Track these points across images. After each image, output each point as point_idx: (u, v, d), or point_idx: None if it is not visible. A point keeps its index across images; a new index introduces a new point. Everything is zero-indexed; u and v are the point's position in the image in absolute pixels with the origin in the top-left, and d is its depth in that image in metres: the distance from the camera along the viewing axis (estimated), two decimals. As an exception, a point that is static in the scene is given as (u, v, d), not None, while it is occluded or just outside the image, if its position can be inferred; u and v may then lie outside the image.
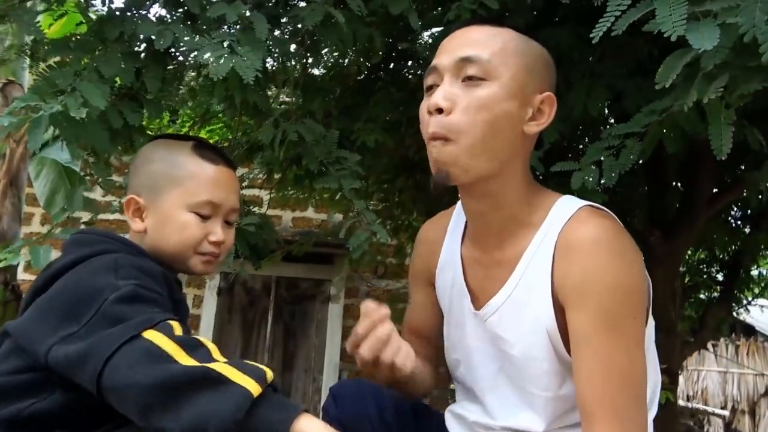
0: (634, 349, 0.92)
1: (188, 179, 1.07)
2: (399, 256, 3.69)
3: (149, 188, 1.08)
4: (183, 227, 1.06)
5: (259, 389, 0.81)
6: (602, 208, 0.99)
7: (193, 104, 2.37)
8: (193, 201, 1.06)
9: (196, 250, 1.08)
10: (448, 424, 1.13)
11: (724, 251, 3.43)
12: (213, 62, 1.01)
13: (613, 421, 0.88)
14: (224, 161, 1.11)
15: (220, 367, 0.82)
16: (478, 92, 0.92)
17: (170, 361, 0.82)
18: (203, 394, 0.80)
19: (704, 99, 0.88)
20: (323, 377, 4.73)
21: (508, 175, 0.97)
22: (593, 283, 0.90)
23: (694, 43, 0.81)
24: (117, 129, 1.13)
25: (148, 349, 0.83)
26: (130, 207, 1.09)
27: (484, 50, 0.93)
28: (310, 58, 1.93)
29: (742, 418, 8.10)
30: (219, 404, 0.79)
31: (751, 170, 2.16)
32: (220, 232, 1.09)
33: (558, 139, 1.76)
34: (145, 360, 0.82)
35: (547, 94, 0.97)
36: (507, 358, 1.02)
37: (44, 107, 0.91)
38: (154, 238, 1.07)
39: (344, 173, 1.35)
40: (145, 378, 0.81)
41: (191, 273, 1.12)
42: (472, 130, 0.91)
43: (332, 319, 4.84)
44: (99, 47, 1.04)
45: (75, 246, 1.02)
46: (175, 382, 0.81)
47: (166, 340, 0.84)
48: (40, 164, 3.83)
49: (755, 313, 5.29)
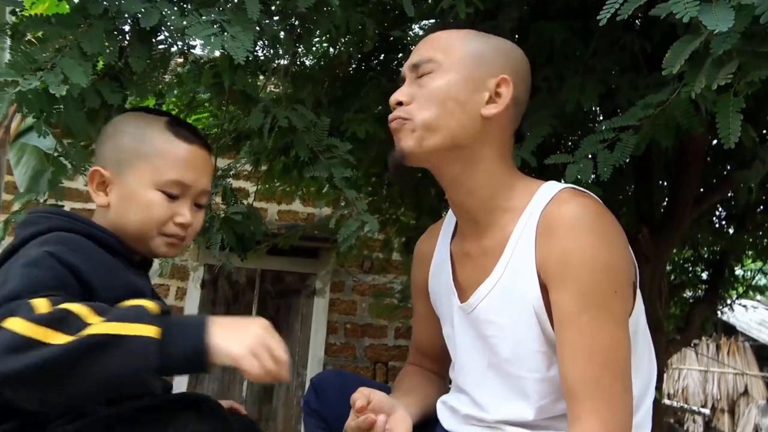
0: (618, 326, 0.92)
1: (158, 156, 1.02)
2: (386, 250, 3.67)
3: (116, 161, 1.02)
4: (148, 205, 1.01)
5: (154, 329, 0.78)
6: (584, 190, 1.01)
7: (179, 92, 2.33)
8: (161, 179, 1.01)
9: (160, 231, 1.03)
10: (439, 414, 1.12)
11: (709, 251, 3.46)
12: (203, 42, 0.98)
13: (598, 400, 0.89)
14: (199, 140, 1.07)
15: (101, 329, 0.77)
16: (429, 84, 1.01)
17: (37, 346, 0.75)
18: (98, 362, 0.76)
19: (713, 85, 0.86)
20: (307, 372, 4.71)
21: (471, 157, 1.02)
22: (573, 262, 0.92)
23: (708, 24, 0.79)
24: (94, 109, 1.08)
25: (7, 340, 0.76)
26: (94, 179, 1.03)
27: (430, 50, 1.03)
28: (300, 46, 1.90)
29: (722, 417, 8.21)
30: (123, 364, 0.76)
31: (741, 169, 2.17)
32: (188, 213, 1.04)
33: (550, 134, 1.74)
34: (7, 353, 0.75)
35: (502, 76, 1.02)
36: (494, 351, 1.02)
37: (22, 83, 0.87)
38: (116, 215, 1.02)
39: (335, 162, 1.33)
40: (14, 370, 0.75)
41: (153, 255, 1.07)
42: (425, 112, 1.00)
43: (317, 313, 4.81)
44: (82, 24, 1.00)
45: (22, 227, 0.97)
46: (53, 364, 0.75)
47: (27, 324, 0.77)
48: (21, 151, 3.74)
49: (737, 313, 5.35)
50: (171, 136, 1.03)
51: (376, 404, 0.99)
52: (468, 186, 1.03)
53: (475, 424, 1.05)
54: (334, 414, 1.11)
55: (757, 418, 7.93)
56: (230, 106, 1.99)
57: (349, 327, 4.95)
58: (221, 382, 4.60)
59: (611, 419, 0.88)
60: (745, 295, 3.73)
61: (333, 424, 1.12)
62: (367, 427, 0.97)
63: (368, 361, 4.93)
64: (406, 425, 1.01)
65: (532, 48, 1.87)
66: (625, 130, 1.25)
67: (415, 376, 1.21)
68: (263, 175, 2.63)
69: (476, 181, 1.02)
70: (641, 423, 1.01)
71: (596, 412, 0.88)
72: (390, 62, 2.27)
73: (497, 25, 1.75)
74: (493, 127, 1.02)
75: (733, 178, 2.38)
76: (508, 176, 1.04)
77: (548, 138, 1.92)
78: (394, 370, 4.92)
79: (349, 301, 4.98)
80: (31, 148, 3.75)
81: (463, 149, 1.01)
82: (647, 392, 1.04)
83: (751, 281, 3.65)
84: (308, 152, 1.35)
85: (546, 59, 1.92)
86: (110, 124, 1.08)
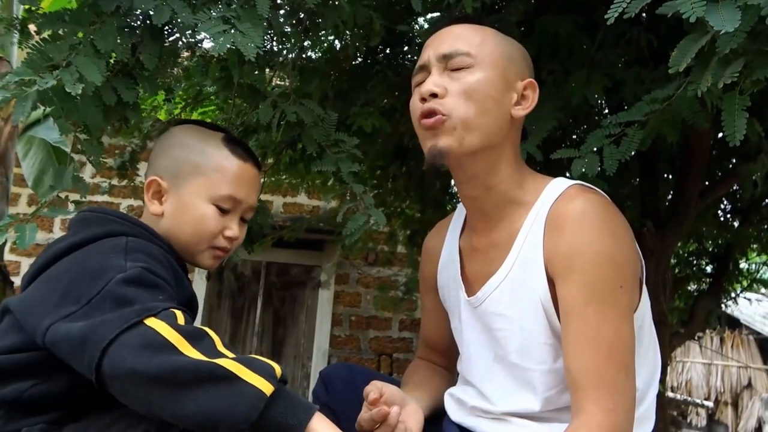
0: (622, 320, 0.94)
1: (215, 171, 1.05)
2: (390, 243, 3.69)
3: (173, 172, 1.06)
4: (202, 218, 1.04)
5: (272, 388, 0.79)
6: (592, 187, 1.03)
7: (186, 85, 2.34)
8: (216, 194, 1.05)
9: (210, 244, 1.06)
10: (447, 406, 1.14)
11: (713, 244, 3.47)
12: (212, 39, 0.99)
13: (601, 391, 0.90)
14: (252, 159, 1.11)
15: (228, 364, 0.80)
16: (466, 78, 0.99)
17: (173, 351, 0.79)
18: (210, 392, 0.78)
19: (719, 83, 0.87)
20: (312, 364, 4.74)
21: (497, 156, 1.03)
22: (580, 255, 0.94)
23: (715, 25, 0.79)
24: (110, 106, 1.10)
25: (148, 338, 0.80)
26: (150, 188, 1.07)
27: (465, 44, 1.01)
28: (307, 40, 1.91)
29: (725, 410, 8.23)
30: (230, 404, 0.77)
31: (746, 163, 2.17)
32: (236, 228, 1.08)
33: (555, 128, 1.75)
34: (145, 349, 0.79)
35: (529, 80, 1.04)
36: (501, 344, 1.04)
37: (39, 82, 0.89)
38: (169, 224, 1.05)
39: (342, 156, 1.34)
40: (145, 367, 0.78)
41: (197, 265, 1.09)
42: (464, 108, 0.98)
43: (322, 305, 4.84)
44: (94, 20, 1.01)
45: (84, 224, 1.00)
46: (178, 374, 0.78)
47: (169, 329, 0.81)
48: (29, 144, 3.77)
49: (741, 306, 5.35)
50: (228, 152, 1.07)
51: (389, 397, 1.01)
52: (487, 183, 1.04)
53: (482, 416, 1.07)
54: (342, 406, 1.13)
55: (760, 410, 7.95)
56: (237, 100, 2.00)
57: (354, 319, 4.98)
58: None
59: (614, 410, 0.90)
60: (749, 288, 3.74)
61: (341, 416, 1.13)
62: (381, 419, 0.98)
63: (372, 353, 4.96)
64: (418, 418, 1.03)
65: (538, 42, 1.87)
66: (630, 125, 1.25)
67: (424, 371, 1.23)
68: (270, 168, 2.65)
69: (496, 177, 1.03)
70: (645, 415, 1.03)
71: (599, 403, 0.90)
72: (396, 56, 2.27)
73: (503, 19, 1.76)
74: (515, 127, 1.05)
75: (738, 172, 2.38)
76: (519, 173, 1.06)
77: (553, 131, 1.93)
78: (398, 362, 4.95)
79: (354, 293, 5.01)
80: (39, 141, 3.77)
81: (493, 149, 1.02)
82: (651, 386, 1.05)
83: (756, 274, 3.65)
84: (316, 147, 1.36)
85: (552, 53, 1.92)
86: (166, 136, 1.12)
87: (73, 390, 0.90)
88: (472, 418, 1.08)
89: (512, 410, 1.03)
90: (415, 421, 1.02)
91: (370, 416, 0.99)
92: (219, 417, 0.77)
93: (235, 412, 0.77)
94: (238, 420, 0.77)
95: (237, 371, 0.79)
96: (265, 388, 0.79)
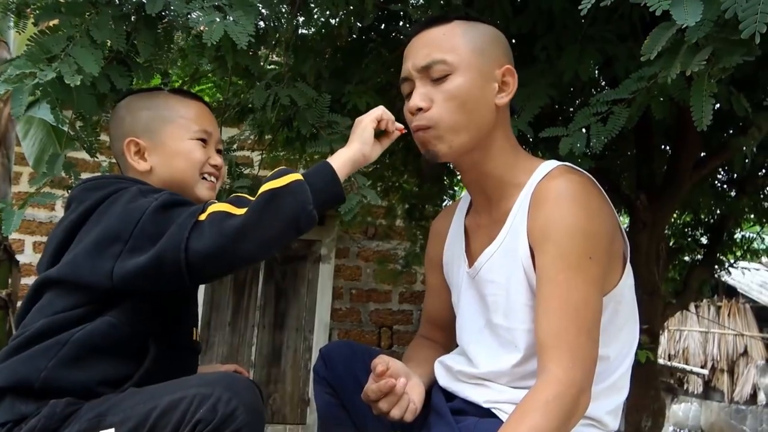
0: (590, 287, 1.00)
1: (180, 116, 1.17)
2: (389, 217, 3.72)
3: (144, 131, 1.16)
4: (189, 152, 1.16)
5: (299, 176, 1.00)
6: (577, 168, 1.09)
7: (183, 64, 2.35)
8: (192, 130, 1.17)
9: (201, 171, 1.18)
10: (436, 372, 1.21)
11: (708, 215, 3.49)
12: (205, 27, 1.01)
13: (562, 351, 0.97)
14: (200, 99, 1.24)
15: (265, 188, 0.98)
16: (446, 86, 1.07)
17: (231, 215, 0.96)
18: (273, 209, 0.96)
19: (688, 71, 0.90)
20: (314, 336, 4.81)
21: (489, 144, 1.11)
22: (555, 228, 1.02)
23: (678, 18, 0.83)
24: (104, 93, 1.13)
25: (214, 221, 0.95)
26: (131, 149, 1.15)
27: (438, 51, 1.08)
28: (301, 18, 1.91)
29: (721, 377, 8.35)
30: (289, 202, 0.97)
31: (736, 136, 2.18)
32: (217, 156, 1.21)
33: (548, 104, 1.77)
34: (216, 227, 0.94)
35: (507, 67, 1.11)
36: (492, 309, 1.11)
37: (39, 75, 0.91)
38: (162, 173, 1.16)
39: (336, 137, 1.37)
40: (227, 232, 0.94)
41: (196, 199, 1.18)
42: (449, 116, 1.07)
43: (323, 279, 4.89)
44: (89, 11, 1.03)
45: (91, 191, 1.07)
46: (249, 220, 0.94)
47: (217, 206, 0.97)
48: (28, 123, 3.77)
49: (738, 275, 5.40)
50: (181, 98, 1.21)
51: (394, 371, 1.09)
52: (485, 168, 1.12)
53: (464, 381, 1.14)
54: (341, 381, 1.22)
55: (755, 377, 8.08)
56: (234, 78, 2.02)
57: (354, 292, 5.04)
58: (230, 345, 4.72)
59: (572, 368, 0.96)
60: (742, 258, 3.77)
61: (340, 391, 1.23)
62: (387, 390, 1.06)
63: (373, 326, 5.04)
64: (420, 390, 1.12)
65: (531, 18, 1.88)
66: (618, 102, 1.28)
67: (426, 350, 1.31)
68: (267, 145, 2.67)
69: (491, 161, 1.12)
70: (618, 385, 1.09)
71: (559, 362, 0.97)
72: (390, 33, 2.28)
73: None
74: (502, 113, 1.13)
75: (730, 145, 2.40)
76: (513, 155, 1.14)
77: (549, 106, 1.94)
78: (398, 333, 5.02)
79: (354, 266, 5.06)
80: (38, 121, 3.78)
81: (483, 138, 1.10)
82: (626, 358, 1.11)
83: (749, 244, 3.68)
84: (310, 128, 1.39)
85: (546, 28, 1.93)
86: (118, 108, 1.20)
87: (108, 335, 1.00)
88: (457, 384, 1.15)
89: (494, 370, 1.10)
90: (417, 392, 1.11)
91: (377, 387, 1.07)
92: (292, 215, 0.97)
93: (300, 203, 0.98)
94: (303, 204, 0.98)
95: (275, 185, 0.98)
96: (296, 177, 1.00)
